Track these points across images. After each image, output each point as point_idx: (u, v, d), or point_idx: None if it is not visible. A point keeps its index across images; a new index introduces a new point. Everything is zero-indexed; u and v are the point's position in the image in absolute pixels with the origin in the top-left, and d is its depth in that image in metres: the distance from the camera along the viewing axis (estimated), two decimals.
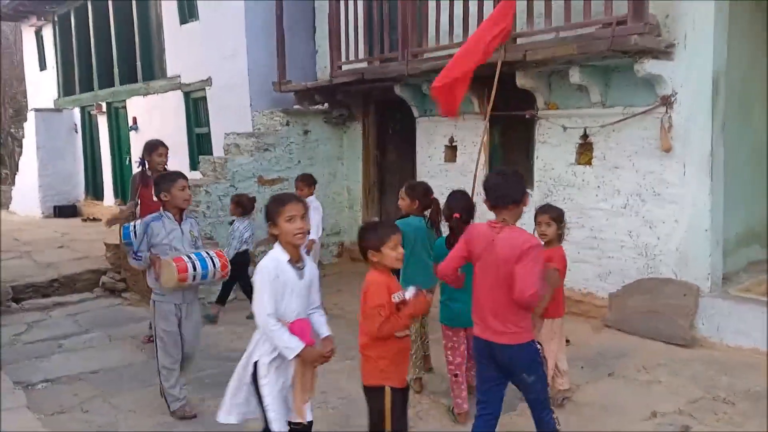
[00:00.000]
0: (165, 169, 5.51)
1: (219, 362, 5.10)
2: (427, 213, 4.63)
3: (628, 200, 5.92)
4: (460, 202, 4.15)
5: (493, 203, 3.22)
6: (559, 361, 4.30)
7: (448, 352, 4.20)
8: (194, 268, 4.07)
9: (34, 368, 5.21)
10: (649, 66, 5.38)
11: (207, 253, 4.23)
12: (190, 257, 4.11)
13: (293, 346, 3.00)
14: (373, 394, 3.24)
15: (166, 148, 5.75)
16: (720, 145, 5.46)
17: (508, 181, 3.26)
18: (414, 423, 4.00)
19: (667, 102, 5.51)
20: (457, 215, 4.01)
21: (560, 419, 3.80)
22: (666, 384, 4.65)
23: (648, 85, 5.63)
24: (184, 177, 4.33)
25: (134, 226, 5.20)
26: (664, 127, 5.53)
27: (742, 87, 6.03)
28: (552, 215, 4.21)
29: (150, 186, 5.06)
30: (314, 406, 4.29)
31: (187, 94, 10.78)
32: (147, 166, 5.68)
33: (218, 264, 4.20)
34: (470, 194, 4.73)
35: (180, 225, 4.26)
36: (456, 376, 4.14)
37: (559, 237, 4.25)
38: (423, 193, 4.63)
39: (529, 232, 3.37)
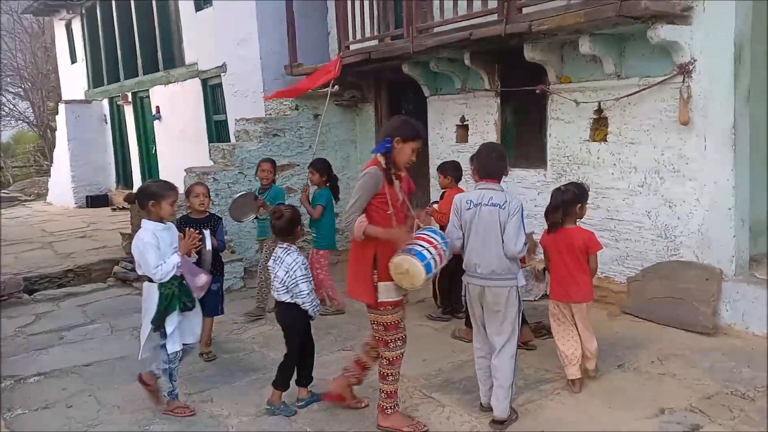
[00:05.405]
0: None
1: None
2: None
3: (646, 178, 5.51)
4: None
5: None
6: None
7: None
8: None
9: (30, 361, 5.16)
10: (663, 32, 4.94)
11: None
12: None
13: None
14: None
15: None
16: (744, 118, 4.99)
17: None
18: None
19: (685, 71, 5.06)
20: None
21: (553, 412, 3.65)
22: (680, 377, 4.28)
23: (665, 53, 5.20)
24: None
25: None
26: (682, 98, 5.09)
27: None
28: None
29: (393, 186, 3.66)
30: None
31: (204, 82, 10.71)
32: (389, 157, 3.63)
33: None
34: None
35: None
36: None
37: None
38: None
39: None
